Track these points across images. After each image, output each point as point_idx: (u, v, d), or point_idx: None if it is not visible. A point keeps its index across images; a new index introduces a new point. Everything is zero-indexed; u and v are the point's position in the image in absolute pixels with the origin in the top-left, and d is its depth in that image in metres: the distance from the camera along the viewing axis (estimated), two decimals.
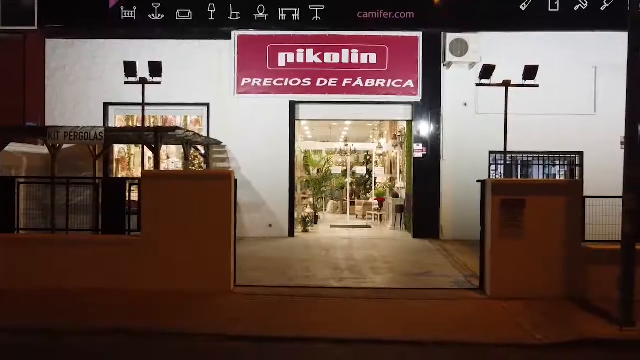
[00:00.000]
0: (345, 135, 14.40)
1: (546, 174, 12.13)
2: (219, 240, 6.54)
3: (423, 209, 11.22)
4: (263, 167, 11.23)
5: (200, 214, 6.48)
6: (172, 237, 6.47)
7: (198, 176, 6.79)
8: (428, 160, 11.21)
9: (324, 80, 11.16)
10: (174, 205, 6.47)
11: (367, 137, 19.63)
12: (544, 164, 11.93)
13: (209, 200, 6.50)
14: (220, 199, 6.52)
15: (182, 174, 6.56)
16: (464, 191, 11.01)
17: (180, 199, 6.47)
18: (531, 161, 11.76)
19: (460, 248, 9.96)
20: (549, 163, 11.99)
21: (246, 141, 11.23)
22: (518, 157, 11.51)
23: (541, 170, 11.96)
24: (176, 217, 6.47)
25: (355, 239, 11.25)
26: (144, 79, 6.49)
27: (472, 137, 11.13)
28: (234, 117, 11.25)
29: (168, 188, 6.51)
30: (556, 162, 12.39)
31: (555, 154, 11.48)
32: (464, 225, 10.95)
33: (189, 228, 6.47)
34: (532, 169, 11.96)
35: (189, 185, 6.54)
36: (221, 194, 6.53)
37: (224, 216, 6.55)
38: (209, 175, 7.01)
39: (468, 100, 11.13)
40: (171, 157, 13.33)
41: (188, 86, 11.22)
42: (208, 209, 6.49)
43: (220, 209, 6.52)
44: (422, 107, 11.20)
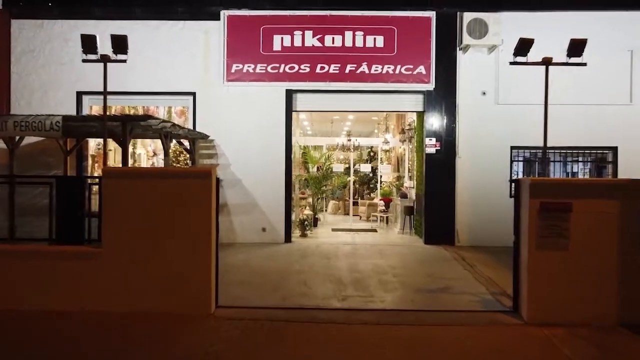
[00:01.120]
0: (347, 130, 13.34)
1: (566, 172, 11.10)
2: (197, 252, 5.49)
3: (436, 211, 10.17)
4: (256, 164, 10.20)
5: (174, 219, 5.44)
6: (139, 248, 5.43)
7: (172, 174, 5.73)
8: (441, 156, 10.15)
9: (324, 66, 10.09)
10: (141, 210, 5.43)
11: (372, 132, 18.59)
12: (570, 160, 10.89)
13: (185, 203, 5.45)
14: (198, 202, 5.47)
15: (152, 171, 5.56)
16: (482, 191, 10.00)
17: (150, 201, 5.43)
18: (560, 158, 10.71)
19: (481, 257, 8.92)
20: (576, 159, 10.95)
21: (237, 135, 10.19)
22: (540, 153, 10.43)
23: (562, 167, 10.92)
24: (144, 224, 5.43)
25: (360, 244, 10.20)
26: (106, 57, 5.45)
27: (491, 130, 10.08)
28: (223, 107, 10.21)
29: (135, 189, 5.46)
30: (585, 158, 11.37)
31: (585, 150, 10.41)
32: (482, 230, 9.94)
33: (160, 237, 5.42)
34: (552, 167, 10.93)
35: (160, 185, 5.48)
36: (200, 195, 5.47)
37: (204, 222, 5.50)
38: (185, 173, 5.96)
39: (487, 88, 10.07)
40: (160, 153, 12.27)
41: (171, 73, 10.17)
42: (184, 213, 5.44)
43: (199, 213, 5.47)
44: (435, 97, 10.13)
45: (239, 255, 8.81)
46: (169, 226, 5.44)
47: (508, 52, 9.72)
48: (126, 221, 5.42)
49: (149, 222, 5.43)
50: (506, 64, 9.81)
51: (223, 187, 10.18)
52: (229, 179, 10.20)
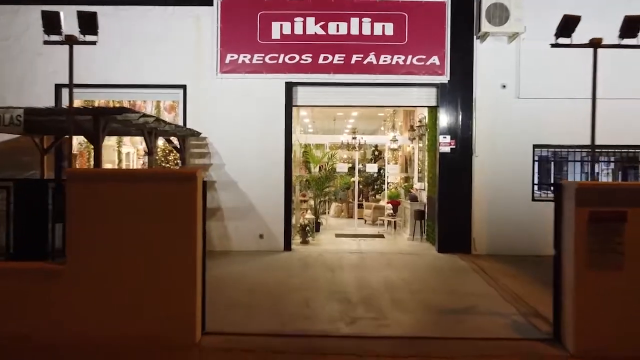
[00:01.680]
0: (352, 127, 12.51)
1: (585, 173, 10.28)
2: (179, 268, 4.67)
3: (450, 216, 9.35)
4: (252, 164, 9.38)
5: (151, 230, 4.62)
6: (110, 264, 4.60)
7: (149, 177, 4.90)
8: (457, 155, 9.33)
9: (327, 56, 9.27)
10: (113, 218, 4.60)
11: (376, 130, 17.78)
12: (588, 161, 10.06)
13: (166, 210, 4.62)
14: (181, 209, 4.64)
15: (125, 174, 4.79)
16: (501, 194, 9.19)
17: (123, 209, 4.61)
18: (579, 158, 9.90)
19: (502, 267, 8.10)
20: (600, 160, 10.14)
21: (232, 132, 9.37)
22: (563, 152, 9.62)
23: (578, 168, 10.10)
24: (116, 236, 4.60)
25: (367, 253, 9.38)
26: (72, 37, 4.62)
27: (512, 127, 9.26)
28: (217, 102, 9.39)
29: (105, 194, 4.63)
30: (608, 157, 10.58)
31: (616, 149, 9.59)
32: (501, 237, 9.14)
33: (136, 251, 4.60)
34: (566, 167, 10.12)
35: (135, 189, 4.66)
36: (183, 201, 4.65)
37: (187, 233, 4.68)
38: (164, 175, 5.14)
39: (507, 81, 9.24)
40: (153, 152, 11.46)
41: (160, 64, 9.35)
42: (164, 222, 4.62)
43: (182, 222, 4.65)
44: (449, 90, 9.31)
45: (232, 267, 7.99)
46: (146, 238, 4.62)
47: (530, 41, 9.00)
48: (94, 232, 4.60)
49: (121, 234, 4.61)
50: (528, 54, 9.09)
51: (216, 190, 9.38)
52: (223, 180, 9.39)
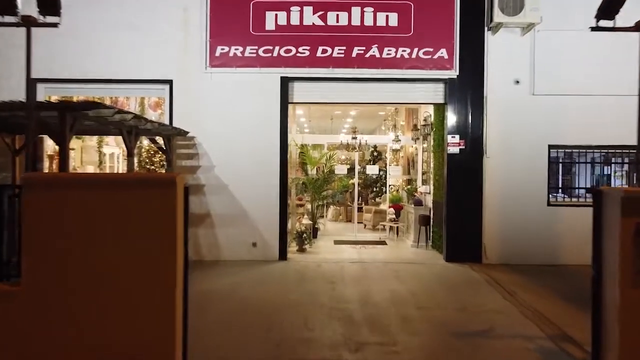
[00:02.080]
0: (352, 126, 11.85)
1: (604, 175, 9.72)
2: (155, 287, 3.98)
3: (459, 221, 8.73)
4: (245, 165, 8.73)
5: (123, 244, 3.93)
6: (72, 284, 3.92)
7: (121, 183, 4.21)
8: (466, 157, 8.71)
9: (326, 49, 8.64)
10: (77, 231, 3.92)
11: (376, 130, 17.16)
12: (599, 162, 9.49)
13: (139, 221, 3.92)
14: (158, 219, 3.94)
15: (93, 179, 4.13)
16: (514, 198, 8.61)
17: (89, 220, 3.92)
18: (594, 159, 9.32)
19: (518, 279, 7.49)
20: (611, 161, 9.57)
21: (222, 131, 8.72)
22: (581, 153, 9.02)
23: (590, 169, 9.50)
24: (81, 252, 3.92)
25: (369, 262, 8.74)
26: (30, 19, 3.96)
27: (526, 126, 8.67)
28: (206, 98, 8.74)
29: (68, 203, 3.95)
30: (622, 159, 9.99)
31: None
32: (515, 245, 8.54)
33: (103, 269, 3.92)
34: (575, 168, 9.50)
35: (105, 198, 3.98)
36: (160, 210, 3.95)
37: (165, 247, 3.97)
38: (138, 181, 4.46)
39: (521, 76, 8.64)
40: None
41: (143, 57, 8.69)
42: (137, 236, 3.92)
43: (159, 235, 3.94)
44: (459, 86, 8.69)
45: (222, 279, 7.33)
46: (116, 254, 3.94)
47: (546, 32, 8.42)
48: (54, 248, 3.91)
49: (86, 249, 3.93)
50: (544, 47, 8.49)
51: (205, 194, 8.72)
52: (213, 183, 8.73)
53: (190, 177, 8.73)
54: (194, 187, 8.72)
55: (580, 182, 9.39)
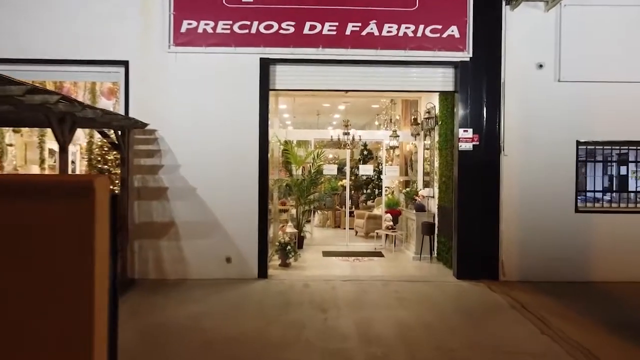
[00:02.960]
0: (343, 120, 10.55)
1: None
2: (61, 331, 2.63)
3: (472, 231, 7.53)
4: (217, 165, 7.42)
5: (17, 274, 2.58)
6: None
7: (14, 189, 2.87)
8: (480, 154, 7.52)
9: (315, 25, 7.37)
10: None
11: (366, 126, 15.92)
12: (617, 160, 8.33)
13: (40, 241, 2.59)
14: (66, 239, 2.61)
15: None
16: (537, 204, 7.47)
17: None
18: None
19: (546, 302, 6.34)
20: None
21: (190, 123, 7.40)
22: (614, 150, 7.89)
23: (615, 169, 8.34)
24: None
25: (365, 280, 7.48)
26: None
27: (550, 118, 7.51)
28: (170, 84, 7.40)
29: None
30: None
31: None
32: (537, 259, 7.41)
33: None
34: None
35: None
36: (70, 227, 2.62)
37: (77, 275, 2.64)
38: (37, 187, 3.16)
39: (545, 59, 7.48)
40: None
41: (93, 32, 7.32)
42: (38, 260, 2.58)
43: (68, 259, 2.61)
44: (472, 71, 7.50)
45: (186, 306, 6.00)
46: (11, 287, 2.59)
47: (575, 7, 7.29)
48: None
49: None
50: (572, 25, 7.36)
51: (169, 199, 7.38)
52: (178, 186, 7.39)
53: (150, 178, 7.38)
54: (154, 190, 7.37)
55: (614, 184, 8.24)
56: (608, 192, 7.88)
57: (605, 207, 7.64)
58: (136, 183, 7.38)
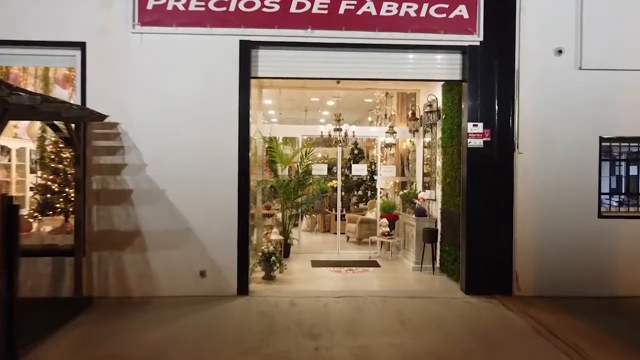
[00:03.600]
0: (334, 115, 9.64)
1: None
2: None
3: (482, 239, 6.70)
4: (190, 164, 6.50)
5: None
6: None
7: None
8: (492, 152, 6.69)
9: (303, 2, 6.50)
10: None
11: (358, 123, 15.06)
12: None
13: None
14: None
15: None
16: (555, 208, 6.74)
17: None
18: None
19: (573, 323, 5.54)
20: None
21: (158, 116, 6.48)
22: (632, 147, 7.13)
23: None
24: None
25: (361, 296, 6.60)
26: None
27: (571, 110, 6.72)
28: (134, 69, 6.46)
29: None
30: None
31: None
32: (556, 271, 6.68)
33: None
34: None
35: None
36: None
37: None
38: None
39: (565, 44, 6.68)
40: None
41: (45, 9, 6.34)
42: None
43: None
44: (482, 57, 6.67)
45: (150, 333, 5.06)
46: None
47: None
48: None
49: None
50: (596, 4, 6.57)
51: (133, 204, 6.44)
52: (144, 188, 6.44)
53: (111, 179, 6.42)
54: (116, 193, 6.42)
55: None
56: (634, 194, 7.11)
57: (631, 212, 6.85)
58: (95, 185, 6.42)
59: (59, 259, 6.27)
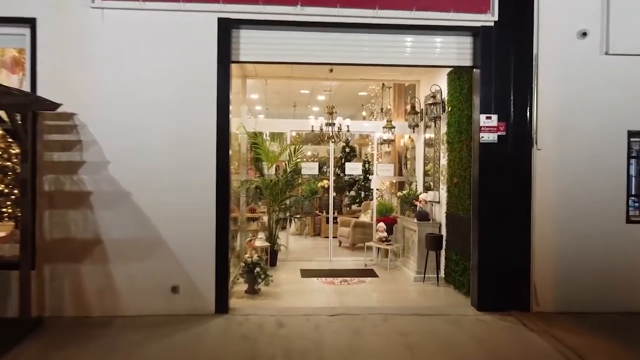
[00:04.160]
0: (327, 107, 8.81)
1: None
2: None
3: (496, 248, 5.94)
4: (159, 162, 5.66)
5: None
6: None
7: None
8: (507, 148, 5.93)
9: None
10: None
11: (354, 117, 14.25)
12: None
13: None
14: None
15: None
16: (578, 212, 6.02)
17: None
18: None
19: (607, 348, 4.76)
20: None
21: (122, 107, 5.62)
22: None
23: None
24: None
25: (358, 314, 5.79)
26: None
27: (595, 101, 5.98)
28: (94, 51, 5.60)
29: None
30: None
31: None
32: (579, 283, 5.96)
33: None
34: None
35: None
36: None
37: None
38: None
39: (590, 26, 5.94)
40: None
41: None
42: None
43: None
44: (497, 40, 5.91)
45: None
46: None
47: None
48: None
49: None
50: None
51: (93, 208, 5.57)
52: (106, 191, 5.58)
53: (67, 179, 5.55)
54: (73, 196, 5.55)
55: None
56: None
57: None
58: (47, 186, 5.54)
59: (4, 273, 5.40)
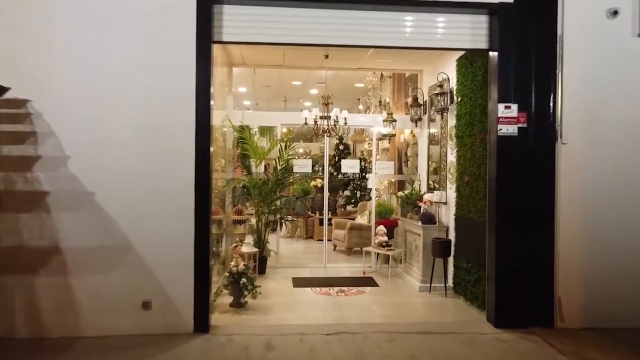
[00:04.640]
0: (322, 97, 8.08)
1: None
2: None
3: (515, 257, 5.26)
4: (128, 157, 4.93)
5: None
6: None
7: None
8: (528, 142, 5.25)
9: None
10: None
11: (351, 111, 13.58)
12: None
13: None
14: None
15: None
16: (608, 214, 5.33)
17: None
18: None
19: None
20: None
21: (84, 92, 4.88)
22: None
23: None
24: None
25: (359, 332, 5.09)
26: None
27: (626, 89, 5.33)
28: (53, 28, 4.86)
29: None
30: None
31: None
32: (610, 297, 5.28)
33: None
34: None
35: None
36: None
37: None
38: None
39: (622, 3, 5.29)
40: None
41: None
42: None
43: None
44: (515, 20, 5.24)
45: None
46: None
47: None
48: None
49: None
50: None
51: (50, 210, 4.82)
52: (66, 190, 4.84)
53: (19, 177, 4.80)
54: (26, 196, 4.80)
55: None
56: None
57: None
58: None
59: None
